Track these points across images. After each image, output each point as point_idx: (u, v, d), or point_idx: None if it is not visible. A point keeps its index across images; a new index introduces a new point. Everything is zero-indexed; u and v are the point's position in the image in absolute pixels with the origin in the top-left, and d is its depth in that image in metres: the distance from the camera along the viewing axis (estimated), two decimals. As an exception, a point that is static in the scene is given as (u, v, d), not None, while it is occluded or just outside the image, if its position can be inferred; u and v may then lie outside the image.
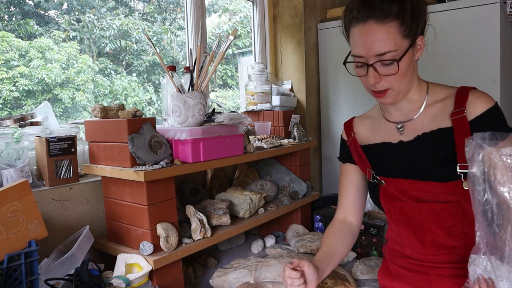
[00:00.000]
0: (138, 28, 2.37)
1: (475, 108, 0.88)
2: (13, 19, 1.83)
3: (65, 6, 2.00)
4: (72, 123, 1.42)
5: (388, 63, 0.86)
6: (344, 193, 1.14)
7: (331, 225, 1.13)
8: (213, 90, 2.74)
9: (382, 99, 0.93)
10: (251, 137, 1.74)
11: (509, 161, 0.72)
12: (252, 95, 1.94)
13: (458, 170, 0.86)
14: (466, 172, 0.81)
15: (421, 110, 0.96)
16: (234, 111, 1.64)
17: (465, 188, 0.85)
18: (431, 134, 0.93)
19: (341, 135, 1.17)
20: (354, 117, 1.15)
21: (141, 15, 2.54)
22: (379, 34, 0.84)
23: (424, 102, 0.96)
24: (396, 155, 0.99)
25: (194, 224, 1.31)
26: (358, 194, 1.13)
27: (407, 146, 0.97)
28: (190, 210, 1.33)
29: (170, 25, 2.64)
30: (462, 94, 0.91)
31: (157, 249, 1.18)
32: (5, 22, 1.76)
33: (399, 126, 0.99)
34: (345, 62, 0.95)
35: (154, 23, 2.57)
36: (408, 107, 0.97)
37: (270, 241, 1.79)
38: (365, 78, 0.91)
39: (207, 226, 1.33)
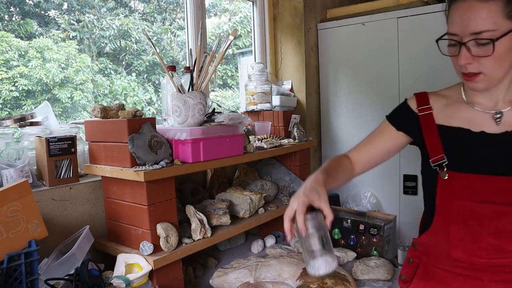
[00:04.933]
0: (138, 28, 2.37)
1: None
2: (13, 19, 1.83)
3: (65, 6, 2.00)
4: (72, 123, 1.42)
5: (484, 42, 0.80)
6: (369, 145, 1.09)
7: (339, 156, 1.08)
8: (213, 90, 2.74)
9: (472, 83, 0.86)
10: (251, 137, 1.74)
11: None
12: (252, 95, 1.94)
13: None
14: None
15: None
16: (234, 111, 1.64)
17: None
18: None
19: (406, 100, 1.06)
20: (426, 91, 1.04)
21: (141, 15, 2.54)
22: (479, 12, 0.79)
23: None
24: (475, 146, 0.91)
25: (194, 224, 1.31)
26: (380, 155, 1.08)
27: (492, 139, 0.89)
28: (190, 210, 1.33)
29: (170, 25, 2.64)
30: None
31: (157, 249, 1.18)
32: (5, 22, 1.76)
33: (497, 115, 0.90)
34: (438, 40, 0.89)
35: (154, 23, 2.57)
36: (500, 96, 0.91)
37: (270, 241, 1.79)
38: (456, 58, 0.85)
39: (207, 226, 1.33)
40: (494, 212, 0.86)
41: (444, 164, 0.93)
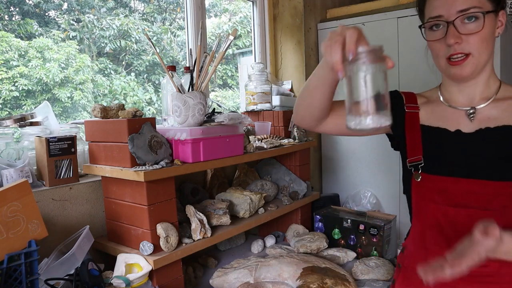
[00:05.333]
0: (138, 28, 2.37)
1: None
2: (13, 19, 1.83)
3: (65, 6, 2.00)
4: (72, 123, 1.42)
5: (472, 18, 0.79)
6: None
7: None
8: (213, 90, 2.74)
9: (459, 68, 0.82)
10: (251, 137, 1.74)
11: None
12: (252, 95, 1.94)
13: None
14: None
15: (491, 100, 0.87)
16: (234, 111, 1.64)
17: None
18: (496, 130, 0.84)
19: (398, 91, 1.01)
20: (414, 92, 1.01)
21: (141, 15, 2.54)
22: None
23: (495, 94, 0.87)
24: (450, 146, 0.88)
25: (194, 224, 1.31)
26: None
27: (467, 138, 0.86)
28: (190, 210, 1.33)
29: (170, 25, 2.64)
30: None
31: (157, 249, 1.18)
32: (5, 22, 1.76)
33: (471, 111, 0.87)
34: (421, 25, 0.87)
35: (154, 23, 2.57)
36: (477, 92, 0.88)
37: (270, 241, 1.79)
38: (442, 41, 0.82)
39: (207, 226, 1.33)
40: (468, 217, 0.82)
41: (419, 166, 0.90)
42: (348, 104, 0.63)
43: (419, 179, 0.90)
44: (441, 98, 0.94)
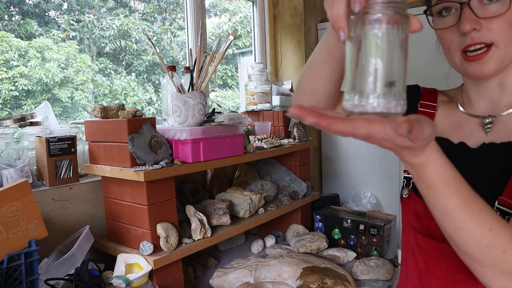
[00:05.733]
0: (138, 28, 2.37)
1: None
2: (13, 19, 1.83)
3: (65, 6, 2.00)
4: (72, 123, 1.42)
5: None
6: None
7: None
8: (213, 90, 2.74)
9: (479, 64, 0.62)
10: (251, 137, 1.74)
11: None
12: (252, 95, 1.94)
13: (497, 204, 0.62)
14: None
15: None
16: (234, 111, 1.64)
17: None
18: (502, 147, 0.66)
19: (418, 85, 0.82)
20: (436, 89, 0.82)
21: (141, 15, 2.54)
22: None
23: None
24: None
25: (194, 224, 1.31)
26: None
27: (469, 154, 0.69)
28: (190, 210, 1.33)
29: (170, 25, 2.64)
30: None
31: (157, 249, 1.18)
32: (5, 22, 1.76)
33: (487, 120, 0.68)
34: (427, 10, 0.69)
35: (154, 23, 2.57)
36: (503, 96, 0.67)
37: (270, 241, 1.79)
38: (455, 29, 0.63)
39: (207, 226, 1.33)
40: (439, 250, 0.68)
41: (412, 181, 0.74)
42: (349, 78, 0.43)
43: (406, 195, 0.75)
44: (458, 104, 0.75)
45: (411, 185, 0.75)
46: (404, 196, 0.77)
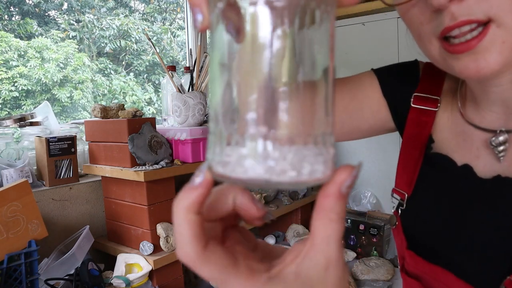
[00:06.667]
0: (138, 28, 2.38)
1: None
2: (13, 19, 1.83)
3: (65, 6, 2.00)
4: (72, 123, 1.42)
5: None
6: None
7: None
8: (213, 90, 2.74)
9: (472, 57, 0.37)
10: (251, 137, 1.74)
11: None
12: (252, 95, 1.94)
13: None
14: None
15: None
16: (234, 111, 1.64)
17: None
18: None
19: (417, 61, 0.58)
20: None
21: (141, 15, 2.54)
22: None
23: None
24: (451, 195, 0.50)
25: (194, 224, 1.31)
26: (354, 127, 0.58)
27: (478, 186, 0.47)
28: (190, 210, 1.33)
29: (170, 25, 2.64)
30: None
31: (157, 249, 1.18)
32: (5, 22, 1.76)
33: (500, 138, 0.44)
34: None
35: (154, 23, 2.57)
36: None
37: (270, 241, 1.79)
38: (423, 3, 0.39)
39: (207, 226, 1.33)
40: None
41: (400, 208, 0.54)
42: (217, 107, 0.22)
43: (394, 226, 0.56)
44: (459, 104, 0.51)
45: (399, 211, 0.55)
46: (392, 226, 0.58)
